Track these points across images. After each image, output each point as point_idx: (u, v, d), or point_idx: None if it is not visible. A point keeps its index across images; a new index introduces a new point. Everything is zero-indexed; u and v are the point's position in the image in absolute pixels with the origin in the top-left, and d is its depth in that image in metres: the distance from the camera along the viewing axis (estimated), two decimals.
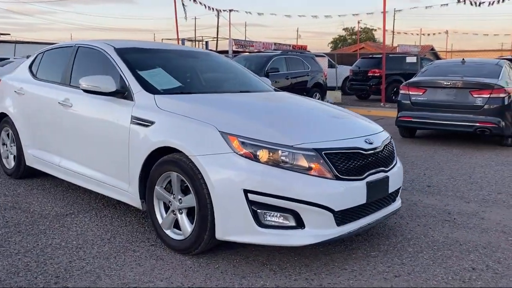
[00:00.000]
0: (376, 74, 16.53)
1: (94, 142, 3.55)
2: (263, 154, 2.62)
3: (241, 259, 2.86)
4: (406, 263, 2.85)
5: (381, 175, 2.94)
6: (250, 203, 2.58)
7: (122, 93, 3.36)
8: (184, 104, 3.16)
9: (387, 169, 3.03)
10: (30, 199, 4.08)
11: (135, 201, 3.27)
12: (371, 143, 2.93)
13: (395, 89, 15.10)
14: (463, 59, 8.52)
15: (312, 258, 2.89)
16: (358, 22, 54.76)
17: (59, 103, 3.90)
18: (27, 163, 4.55)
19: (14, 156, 4.74)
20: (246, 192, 2.58)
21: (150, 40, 21.09)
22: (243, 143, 2.66)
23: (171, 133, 2.94)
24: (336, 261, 2.86)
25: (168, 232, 3.00)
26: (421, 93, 7.70)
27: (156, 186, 3.02)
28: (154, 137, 3.02)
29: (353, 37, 73.64)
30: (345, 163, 2.74)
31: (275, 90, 4.30)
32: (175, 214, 2.95)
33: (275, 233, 2.60)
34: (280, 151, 2.63)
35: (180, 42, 21.32)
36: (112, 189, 3.46)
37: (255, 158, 2.62)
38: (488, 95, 7.12)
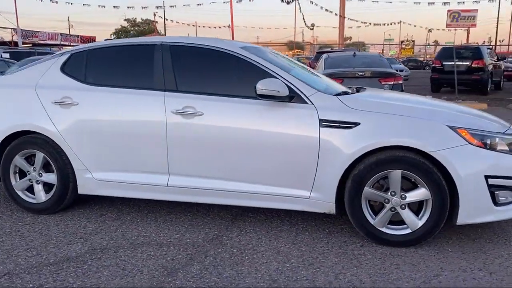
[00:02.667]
0: None
1: (249, 153, 3.20)
2: (492, 142, 2.99)
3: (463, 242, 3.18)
4: None
5: None
6: (489, 186, 2.93)
7: (289, 96, 3.15)
8: (376, 103, 3.21)
9: None
10: (169, 231, 3.34)
11: (318, 207, 3.17)
12: None
13: None
14: (354, 53, 9.98)
15: None
16: (154, 14, 54.25)
17: (173, 112, 3.30)
18: (80, 191, 3.62)
19: (48, 186, 3.68)
20: (486, 177, 2.92)
21: None
22: (473, 134, 2.97)
23: (391, 132, 2.99)
24: None
25: (383, 229, 3.07)
26: (339, 83, 8.77)
27: (365, 187, 3.03)
28: (362, 139, 3.00)
29: (136, 28, 72.98)
30: None
31: None
32: (392, 211, 3.04)
33: (506, 209, 3.02)
34: (497, 138, 3.04)
35: None
36: (279, 199, 3.23)
37: (486, 147, 2.97)
38: (392, 82, 8.65)
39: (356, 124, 3.03)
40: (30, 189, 3.76)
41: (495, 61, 17.30)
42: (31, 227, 3.43)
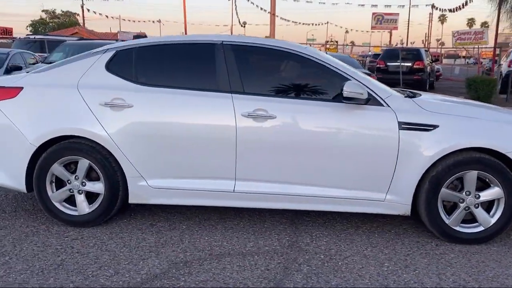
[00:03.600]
0: None
1: (323, 157, 3.15)
2: None
3: None
4: None
5: None
6: None
7: (366, 99, 3.14)
8: (447, 105, 3.30)
9: None
10: (238, 240, 3.14)
11: (393, 209, 3.21)
12: None
13: None
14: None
15: None
16: (82, 6, 51.11)
17: (244, 115, 3.15)
18: (131, 201, 3.34)
19: (92, 196, 3.35)
20: None
21: None
22: None
23: (470, 134, 3.09)
24: None
25: (457, 228, 3.18)
26: None
27: (442, 188, 3.12)
28: (443, 141, 3.08)
29: (56, 20, 68.67)
30: None
31: None
32: (466, 210, 3.15)
33: None
34: None
35: None
36: (353, 202, 3.22)
37: None
38: None
39: (435, 126, 3.09)
40: (67, 200, 3.39)
41: (430, 62, 18.62)
42: (83, 242, 3.10)
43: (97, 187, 3.32)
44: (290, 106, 3.17)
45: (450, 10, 37.66)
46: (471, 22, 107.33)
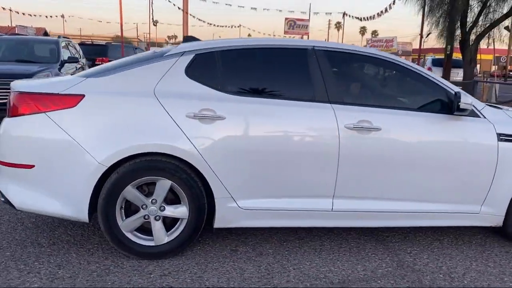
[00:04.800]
0: (104, 63, 15.71)
1: (426, 170, 3.03)
2: None
3: None
4: None
5: None
6: None
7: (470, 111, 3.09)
8: None
9: None
10: (342, 263, 2.83)
11: (487, 221, 3.21)
12: None
13: None
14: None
15: None
16: None
17: (348, 127, 2.91)
18: (216, 225, 2.93)
19: (171, 223, 2.88)
20: None
21: None
22: None
23: None
24: None
25: None
26: None
27: None
28: None
29: None
30: None
31: None
32: None
33: None
34: None
35: None
36: (448, 216, 3.15)
37: None
38: None
39: None
40: (138, 229, 2.87)
41: None
42: (176, 278, 2.62)
43: (179, 211, 2.85)
44: (393, 117, 3.00)
45: (362, 19, 40.19)
46: (362, 30, 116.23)
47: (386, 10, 27.90)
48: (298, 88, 2.99)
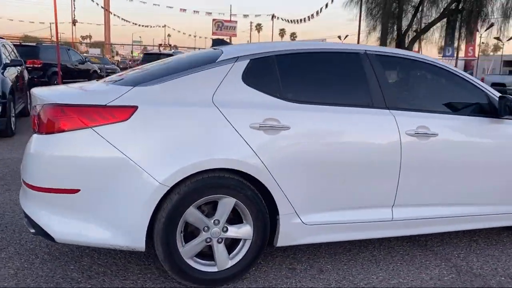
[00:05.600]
0: (36, 66, 14.51)
1: (483, 173, 3.06)
2: None
3: None
4: None
5: None
6: None
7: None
8: None
9: None
10: (409, 272, 2.72)
11: None
12: None
13: (56, 82, 13.82)
14: None
15: None
16: None
17: (409, 133, 2.85)
18: (279, 243, 2.72)
19: (233, 246, 2.63)
20: None
21: None
22: None
23: None
24: None
25: None
26: None
27: None
28: None
29: None
30: None
31: None
32: None
33: None
34: None
35: None
36: (490, 218, 3.21)
37: None
38: None
39: None
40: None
41: None
42: None
43: (243, 231, 2.60)
44: (449, 123, 2.99)
45: (291, 21, 41.09)
46: (282, 32, 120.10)
47: (317, 13, 28.78)
48: (356, 93, 2.87)
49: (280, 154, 2.57)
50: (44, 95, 2.51)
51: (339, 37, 52.07)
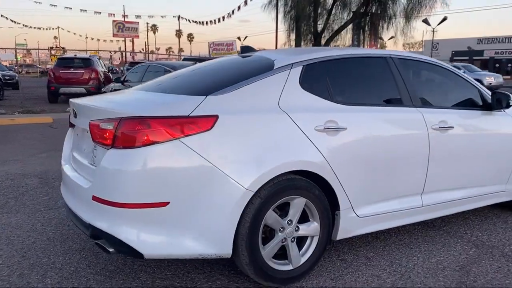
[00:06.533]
0: None
1: (481, 158, 3.55)
2: None
3: None
4: None
5: None
6: None
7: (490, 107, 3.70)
8: None
9: None
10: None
11: (508, 196, 3.90)
12: None
13: None
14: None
15: None
16: None
17: (434, 128, 3.22)
18: (338, 237, 2.92)
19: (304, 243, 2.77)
20: None
21: None
22: None
23: None
24: None
25: None
26: None
27: None
28: None
29: None
30: None
31: None
32: None
33: None
34: None
35: None
36: (488, 197, 3.74)
37: None
38: None
39: None
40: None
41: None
42: None
43: (312, 229, 2.75)
44: (458, 116, 3.41)
45: (200, 23, 40.95)
46: (179, 33, 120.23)
47: (229, 15, 29.15)
48: (389, 94, 3.18)
49: (340, 153, 2.76)
50: (113, 107, 2.42)
51: (239, 38, 53.31)
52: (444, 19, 26.62)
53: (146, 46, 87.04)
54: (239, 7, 26.52)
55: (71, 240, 3.40)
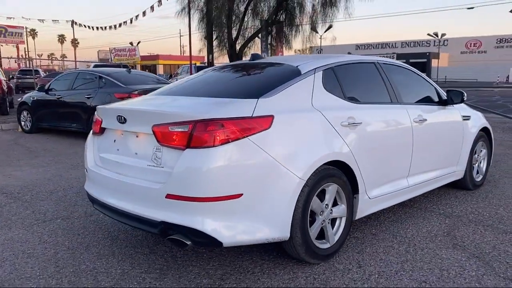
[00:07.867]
0: None
1: (441, 145, 4.32)
2: None
3: None
4: None
5: None
6: None
7: (445, 103, 4.52)
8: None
9: None
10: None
11: (458, 176, 4.75)
12: None
13: None
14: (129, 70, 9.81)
15: None
16: None
17: (415, 120, 3.88)
18: (356, 217, 3.42)
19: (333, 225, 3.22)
20: None
21: None
22: None
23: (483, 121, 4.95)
24: None
25: None
26: None
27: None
28: (475, 125, 4.84)
29: None
30: None
31: None
32: None
33: None
34: None
35: None
36: (447, 177, 4.54)
37: None
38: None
39: (469, 117, 4.81)
40: None
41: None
42: (390, 277, 3.04)
43: (341, 211, 3.21)
44: (428, 110, 4.14)
45: (96, 28, 39.14)
46: (62, 38, 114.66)
47: (131, 21, 28.44)
48: (384, 93, 3.78)
49: (358, 144, 3.26)
50: (180, 111, 2.63)
51: (131, 43, 51.95)
52: (330, 27, 28.81)
53: (26, 53, 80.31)
54: (137, 16, 26.04)
55: (94, 246, 3.42)
